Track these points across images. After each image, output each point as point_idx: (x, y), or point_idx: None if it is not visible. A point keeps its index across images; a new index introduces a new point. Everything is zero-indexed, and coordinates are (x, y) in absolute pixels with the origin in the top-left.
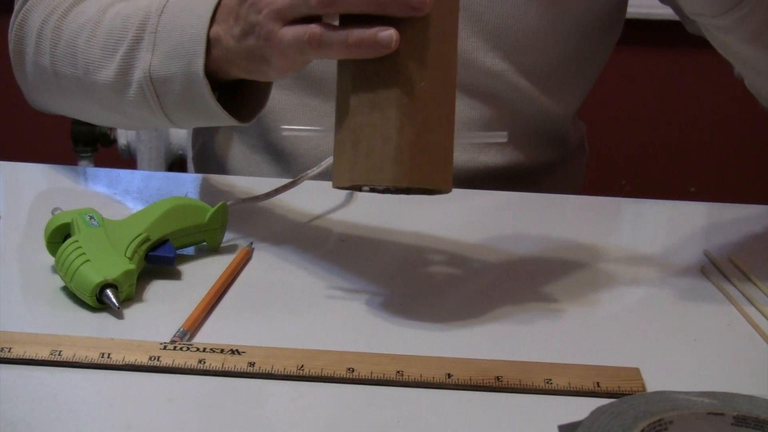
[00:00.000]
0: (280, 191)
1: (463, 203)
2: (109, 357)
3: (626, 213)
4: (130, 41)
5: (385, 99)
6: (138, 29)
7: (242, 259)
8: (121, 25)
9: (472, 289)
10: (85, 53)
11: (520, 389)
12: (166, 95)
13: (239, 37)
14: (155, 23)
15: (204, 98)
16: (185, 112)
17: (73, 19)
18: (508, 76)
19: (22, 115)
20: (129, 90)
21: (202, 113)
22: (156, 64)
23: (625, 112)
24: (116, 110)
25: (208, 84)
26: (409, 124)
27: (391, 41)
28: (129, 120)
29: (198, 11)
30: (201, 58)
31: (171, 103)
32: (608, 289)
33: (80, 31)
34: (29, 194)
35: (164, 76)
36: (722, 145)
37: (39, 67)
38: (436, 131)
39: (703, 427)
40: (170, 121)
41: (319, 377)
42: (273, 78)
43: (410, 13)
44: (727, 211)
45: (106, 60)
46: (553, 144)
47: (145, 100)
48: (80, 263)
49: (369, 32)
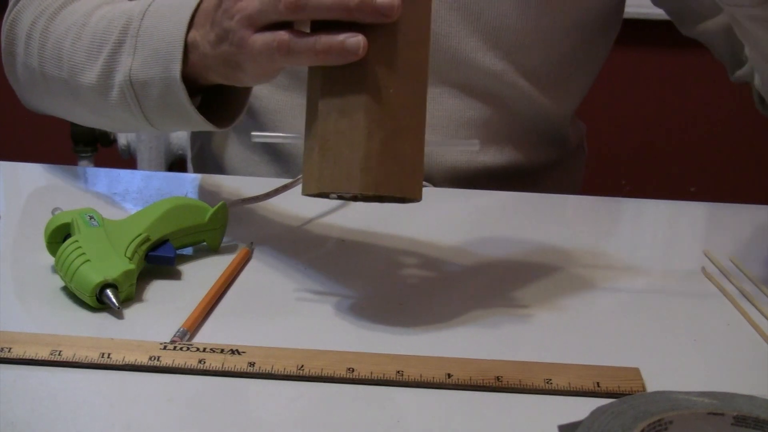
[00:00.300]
0: (279, 191)
1: (463, 203)
2: (109, 357)
3: (626, 213)
4: (113, 44)
5: (353, 105)
6: (121, 33)
7: (242, 259)
8: (105, 28)
9: (471, 289)
10: (71, 56)
11: (520, 389)
12: (145, 99)
13: (214, 43)
14: (137, 27)
15: (181, 103)
16: (164, 116)
17: (61, 21)
18: (507, 75)
19: (22, 115)
20: (111, 93)
21: (180, 117)
22: (136, 67)
23: (625, 112)
24: (101, 113)
25: (184, 89)
26: (377, 131)
27: (359, 48)
28: (114, 122)
29: (177, 16)
30: (178, 64)
31: (150, 106)
32: (608, 289)
33: (66, 33)
34: (29, 194)
35: (143, 80)
36: (722, 145)
37: (28, 69)
38: (405, 138)
39: (703, 427)
40: (151, 125)
41: (319, 377)
42: (249, 83)
43: (379, 19)
44: (727, 211)
45: (89, 63)
46: (552, 143)
47: (126, 104)
48: (80, 263)
49: (337, 39)
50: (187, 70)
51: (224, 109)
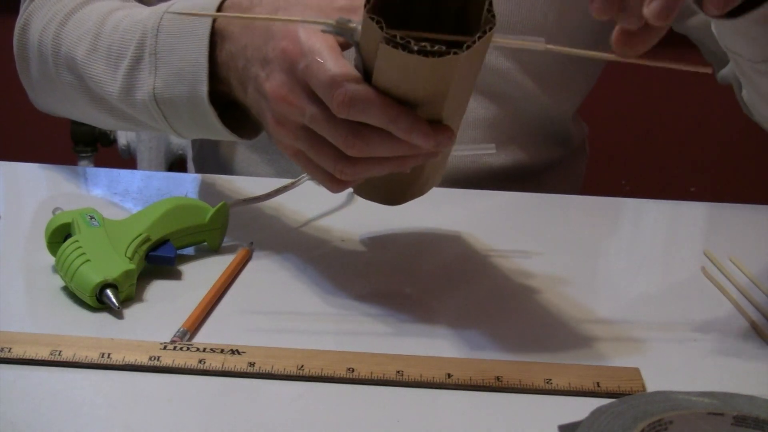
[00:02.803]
0: (280, 192)
1: (464, 203)
2: (109, 357)
3: (626, 213)
4: (131, 60)
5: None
6: (137, 48)
7: (242, 260)
8: (120, 40)
9: (472, 288)
10: (89, 67)
11: (520, 389)
12: (171, 115)
13: (239, 82)
14: (153, 44)
15: (209, 119)
16: (191, 129)
17: (73, 27)
18: (512, 74)
19: (22, 115)
20: (135, 106)
21: (208, 131)
22: (159, 86)
23: (625, 112)
24: (126, 120)
25: (213, 110)
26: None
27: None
28: (138, 127)
29: (196, 33)
30: (204, 85)
31: (177, 120)
32: (608, 289)
33: (80, 41)
34: (29, 194)
35: (169, 98)
36: (722, 145)
37: (44, 75)
38: (429, 177)
39: (703, 427)
40: (179, 135)
41: (319, 377)
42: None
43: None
44: (727, 211)
45: (108, 76)
46: (555, 143)
47: (152, 117)
48: (80, 263)
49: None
50: (213, 85)
51: (247, 115)
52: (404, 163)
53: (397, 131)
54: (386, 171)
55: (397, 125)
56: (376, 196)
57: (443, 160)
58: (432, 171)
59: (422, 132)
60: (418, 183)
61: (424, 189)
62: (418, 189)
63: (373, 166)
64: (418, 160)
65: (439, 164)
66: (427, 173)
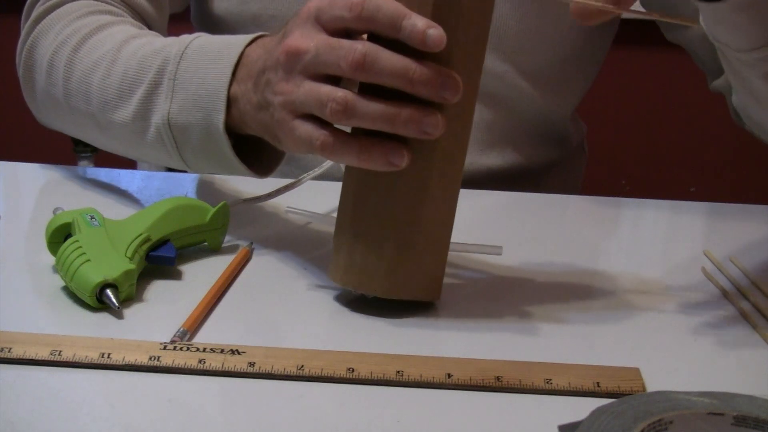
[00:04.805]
0: (281, 191)
1: (464, 203)
2: (109, 357)
3: (626, 213)
4: (149, 85)
5: (385, 218)
6: (157, 73)
7: (242, 259)
8: (138, 67)
9: (472, 289)
10: (101, 92)
11: (520, 389)
12: (184, 143)
13: (255, 107)
14: (174, 70)
15: (223, 151)
16: (202, 159)
17: (87, 53)
18: (508, 77)
19: (22, 115)
20: (147, 132)
21: (220, 163)
22: (175, 111)
23: (625, 112)
24: (133, 148)
25: (228, 140)
26: (406, 246)
27: (402, 163)
28: (144, 157)
29: (219, 64)
30: (221, 115)
31: (189, 149)
32: (608, 289)
33: (95, 67)
34: (29, 194)
35: (183, 125)
36: (722, 145)
37: (52, 97)
38: (431, 252)
39: (703, 427)
40: (187, 166)
41: (319, 377)
42: (287, 150)
43: (420, 136)
44: (727, 211)
45: (122, 101)
46: (553, 144)
47: (163, 144)
48: (80, 263)
49: (382, 150)
50: (228, 120)
51: (259, 150)
52: (397, 119)
53: (405, 26)
54: (385, 124)
55: (408, 20)
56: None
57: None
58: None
59: (435, 37)
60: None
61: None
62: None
63: (373, 112)
64: (415, 117)
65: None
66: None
